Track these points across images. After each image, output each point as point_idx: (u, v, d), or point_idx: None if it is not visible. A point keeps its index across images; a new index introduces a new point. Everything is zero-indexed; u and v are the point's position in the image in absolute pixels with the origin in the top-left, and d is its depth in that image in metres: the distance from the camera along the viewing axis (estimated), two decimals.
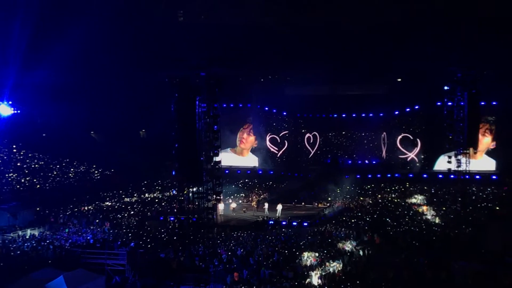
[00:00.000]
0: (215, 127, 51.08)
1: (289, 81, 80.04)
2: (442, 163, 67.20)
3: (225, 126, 70.53)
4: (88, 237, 49.69)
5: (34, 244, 46.47)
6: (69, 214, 60.87)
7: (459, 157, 57.37)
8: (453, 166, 57.82)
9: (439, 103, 66.64)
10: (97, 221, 57.22)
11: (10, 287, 34.27)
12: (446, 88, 58.61)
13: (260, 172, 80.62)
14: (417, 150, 74.66)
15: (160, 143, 68.23)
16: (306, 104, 77.95)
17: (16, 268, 39.05)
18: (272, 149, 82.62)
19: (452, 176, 58.92)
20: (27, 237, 50.60)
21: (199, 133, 49.60)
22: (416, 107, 74.51)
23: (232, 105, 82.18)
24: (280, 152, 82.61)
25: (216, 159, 52.10)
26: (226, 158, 77.57)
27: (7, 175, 68.52)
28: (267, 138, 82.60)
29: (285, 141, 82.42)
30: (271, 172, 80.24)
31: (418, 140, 74.75)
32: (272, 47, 69.60)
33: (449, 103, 58.21)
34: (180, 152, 49.87)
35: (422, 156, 74.67)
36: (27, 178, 70.61)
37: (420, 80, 70.17)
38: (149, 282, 40.68)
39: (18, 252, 43.97)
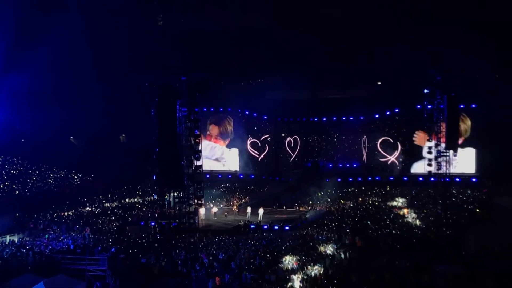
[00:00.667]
0: (196, 131, 51.01)
1: (269, 86, 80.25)
2: (421, 166, 67.45)
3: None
4: (69, 243, 49.33)
5: (14, 250, 45.97)
6: (49, 220, 60.45)
7: (439, 159, 57.72)
8: (433, 169, 58.14)
9: (419, 106, 67.05)
10: (77, 226, 56.87)
11: None
12: (426, 91, 59.02)
13: (241, 176, 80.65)
14: (397, 153, 75.02)
15: (141, 148, 67.97)
16: (287, 108, 78.16)
17: None
18: (253, 153, 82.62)
19: (432, 179, 59.28)
20: (6, 243, 50.07)
21: (180, 137, 49.48)
22: (396, 110, 74.89)
23: (212, 109, 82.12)
24: (261, 156, 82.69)
25: (197, 163, 52.01)
26: (207, 163, 77.50)
27: None
28: (248, 142, 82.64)
29: (266, 145, 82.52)
30: (252, 176, 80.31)
31: (398, 143, 75.13)
32: (251, 51, 69.75)
33: (429, 106, 58.61)
34: (161, 157, 49.73)
35: (402, 159, 74.95)
36: (6, 184, 69.91)
37: (400, 83, 70.66)
38: None
39: None
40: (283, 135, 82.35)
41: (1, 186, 69.01)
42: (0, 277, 37.30)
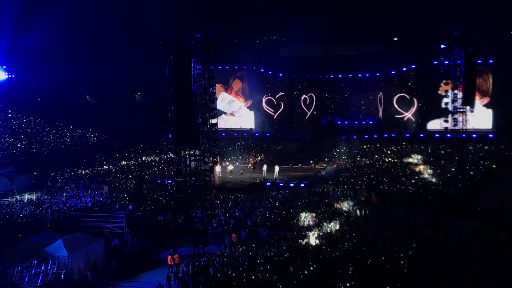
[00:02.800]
0: (211, 89, 50.75)
1: (284, 43, 79.39)
2: (437, 123, 66.79)
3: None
4: (87, 201, 49.82)
5: (32, 209, 46.56)
6: (66, 178, 60.93)
7: (455, 116, 57.19)
8: (449, 125, 57.61)
9: (435, 62, 66.24)
10: (94, 185, 57.34)
11: (9, 251, 34.36)
12: (442, 46, 58.14)
13: (257, 134, 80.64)
14: (413, 109, 74.47)
15: (156, 106, 67.99)
16: (302, 65, 77.47)
17: (14, 232, 39.12)
18: (268, 111, 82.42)
19: (448, 135, 58.81)
20: (25, 201, 50.69)
21: (195, 95, 49.30)
22: (413, 66, 74.05)
23: (227, 67, 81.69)
24: (277, 114, 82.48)
25: (213, 121, 51.95)
26: (223, 120, 77.62)
27: (3, 140, 68.33)
28: (263, 100, 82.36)
29: (281, 103, 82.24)
30: (268, 134, 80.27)
31: (414, 99, 74.50)
32: (266, 5, 68.86)
33: (446, 62, 57.78)
34: (176, 115, 49.52)
35: (418, 116, 74.37)
36: (24, 143, 70.45)
37: (416, 39, 69.54)
38: (147, 245, 40.95)
39: (16, 216, 44.03)
40: (298, 92, 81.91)
41: (19, 145, 69.53)
42: (20, 235, 37.81)
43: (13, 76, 73.89)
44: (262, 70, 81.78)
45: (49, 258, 33.07)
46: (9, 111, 73.55)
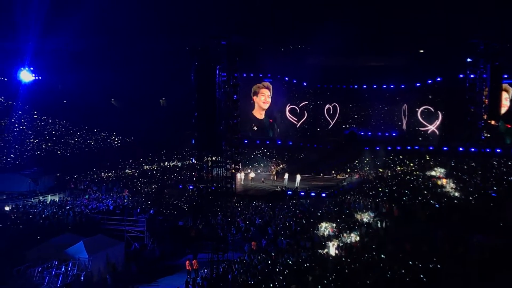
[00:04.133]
0: (235, 96, 51.02)
1: (309, 52, 79.34)
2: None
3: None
4: (108, 204, 50.20)
5: (55, 210, 47.03)
6: (89, 180, 61.43)
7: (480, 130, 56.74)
8: (474, 140, 57.23)
9: (461, 76, 65.82)
10: (116, 188, 57.74)
11: (30, 252, 34.74)
12: (468, 60, 57.86)
13: (279, 142, 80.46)
14: (438, 122, 73.93)
15: (180, 112, 68.36)
16: (327, 75, 77.20)
17: (36, 233, 39.53)
18: (291, 120, 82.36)
19: (472, 149, 58.40)
20: (48, 202, 51.20)
21: (219, 102, 49.57)
22: (438, 79, 73.57)
23: (252, 75, 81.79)
24: (300, 122, 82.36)
25: (235, 128, 52.15)
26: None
27: (28, 141, 69.13)
28: (287, 109, 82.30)
29: (305, 112, 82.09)
30: (290, 143, 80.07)
31: (439, 112, 73.95)
32: (293, 14, 69.01)
33: (472, 76, 57.53)
34: (200, 121, 49.98)
35: (443, 129, 73.78)
36: (48, 144, 71.17)
37: (442, 52, 69.17)
38: (167, 249, 41.14)
39: (38, 217, 44.49)
40: (322, 102, 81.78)
41: (44, 147, 70.32)
42: (41, 236, 38.18)
43: (40, 78, 74.58)
44: (287, 78, 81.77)
45: (70, 259, 33.40)
46: (35, 112, 74.29)
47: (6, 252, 35.20)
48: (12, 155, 64.74)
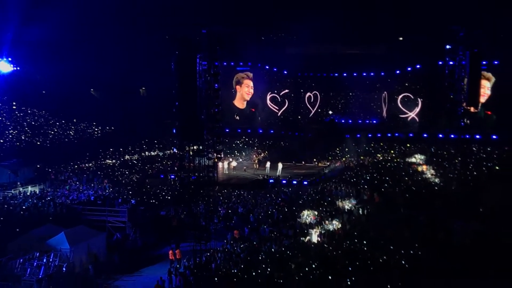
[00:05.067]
0: (216, 85, 50.79)
1: (290, 40, 79.36)
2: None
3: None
4: (89, 194, 49.94)
5: (35, 201, 46.66)
6: (69, 171, 61.03)
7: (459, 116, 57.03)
8: (453, 126, 57.50)
9: (440, 63, 66.08)
10: (97, 179, 57.45)
11: (11, 243, 34.50)
12: (448, 47, 58.01)
13: (261, 131, 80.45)
14: (418, 109, 74.38)
15: (161, 101, 68.07)
16: (307, 63, 77.12)
17: (17, 225, 39.25)
18: (272, 108, 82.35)
19: (452, 136, 58.70)
20: (28, 194, 50.80)
21: (200, 91, 49.34)
22: (418, 66, 73.91)
23: (232, 64, 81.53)
24: (281, 111, 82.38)
25: (217, 117, 51.99)
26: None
27: (7, 132, 68.43)
28: (268, 97, 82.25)
29: (286, 100, 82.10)
30: (272, 131, 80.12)
31: (419, 99, 74.38)
32: (274, 3, 68.96)
33: (451, 63, 57.61)
34: (181, 110, 49.65)
35: (423, 116, 74.20)
36: (27, 135, 70.56)
37: (421, 39, 69.43)
38: (149, 239, 41.08)
39: (19, 209, 44.16)
40: (302, 90, 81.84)
41: (23, 138, 69.67)
42: (22, 227, 37.92)
43: (18, 68, 73.90)
44: (267, 67, 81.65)
45: (51, 250, 33.19)
46: (14, 103, 73.59)
47: None
48: None
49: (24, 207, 44.65)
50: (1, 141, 66.23)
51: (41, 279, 31.09)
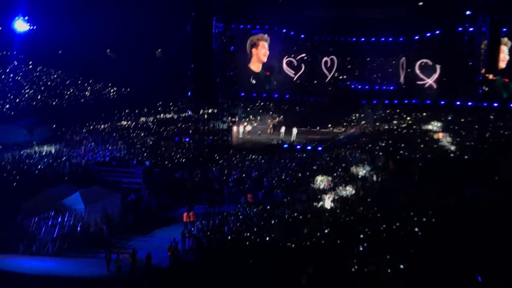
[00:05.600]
0: (232, 48, 50.47)
1: (307, 3, 78.30)
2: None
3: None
4: (105, 154, 50.18)
5: (51, 161, 46.97)
6: (85, 132, 61.28)
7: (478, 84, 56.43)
8: (471, 93, 57.00)
9: (460, 29, 65.14)
10: (113, 140, 57.65)
11: (27, 202, 34.82)
12: (467, 13, 57.16)
13: (276, 95, 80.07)
14: (436, 76, 73.52)
15: (176, 63, 67.78)
16: (325, 27, 76.14)
17: (32, 184, 39.60)
18: (288, 73, 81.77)
19: (469, 103, 58.23)
20: (44, 153, 51.10)
21: (216, 54, 49.02)
22: (437, 32, 72.81)
23: (249, 26, 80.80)
24: (297, 76, 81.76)
25: (232, 81, 51.77)
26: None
27: (23, 91, 68.59)
28: (284, 61, 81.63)
29: (302, 65, 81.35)
30: (287, 96, 79.71)
31: (437, 66, 73.44)
32: None
33: (470, 29, 56.86)
34: (196, 73, 49.49)
35: (441, 83, 73.34)
36: (44, 95, 70.72)
37: (441, 4, 68.31)
38: (163, 201, 41.30)
39: (34, 168, 44.49)
40: (319, 55, 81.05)
41: (39, 97, 69.84)
42: (37, 187, 38.21)
43: (34, 27, 73.67)
44: (284, 30, 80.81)
45: (66, 210, 33.53)
46: (30, 62, 73.59)
47: (2, 203, 35.31)
48: (7, 106, 64.28)
49: (39, 167, 44.96)
50: (17, 100, 66.41)
51: (56, 238, 31.48)
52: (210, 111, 51.97)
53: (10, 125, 57.56)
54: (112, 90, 79.62)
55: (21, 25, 70.52)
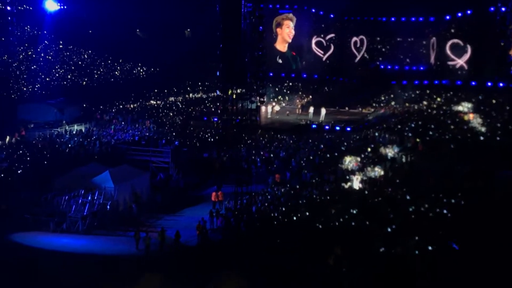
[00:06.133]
0: (260, 28, 50.38)
1: None
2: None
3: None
4: (134, 134, 50.58)
5: (81, 140, 47.50)
6: (114, 111, 61.76)
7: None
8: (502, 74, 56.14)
9: (492, 9, 64.02)
10: (142, 119, 58.06)
11: (58, 180, 35.31)
12: None
13: (305, 76, 79.70)
14: (467, 56, 72.42)
15: (205, 43, 67.86)
16: (354, 6, 75.27)
17: (63, 162, 40.13)
18: (317, 53, 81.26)
19: (501, 84, 57.35)
20: (74, 132, 51.68)
21: (244, 33, 48.98)
22: (468, 12, 71.60)
23: (278, 6, 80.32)
24: (326, 56, 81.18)
25: (260, 61, 51.73)
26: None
27: (53, 70, 69.25)
28: (313, 41, 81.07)
29: (331, 45, 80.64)
30: (316, 76, 79.27)
31: (468, 46, 72.29)
32: None
33: (503, 9, 55.97)
34: (225, 53, 49.58)
35: (472, 63, 72.25)
36: (74, 75, 71.33)
37: None
38: (192, 181, 41.56)
39: (65, 147, 45.04)
40: (349, 34, 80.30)
41: (69, 77, 70.48)
42: (68, 165, 38.70)
43: (65, 7, 74.06)
44: (314, 10, 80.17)
45: (96, 188, 33.95)
46: (60, 42, 74.16)
47: (34, 181, 35.89)
48: (38, 85, 64.98)
49: (70, 146, 45.50)
50: (48, 79, 67.07)
51: (86, 216, 31.93)
52: (238, 91, 52.12)
53: (41, 104, 58.26)
54: (141, 70, 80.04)
55: (51, 5, 70.88)
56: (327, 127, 55.54)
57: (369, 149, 43.83)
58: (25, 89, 64.07)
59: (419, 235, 24.83)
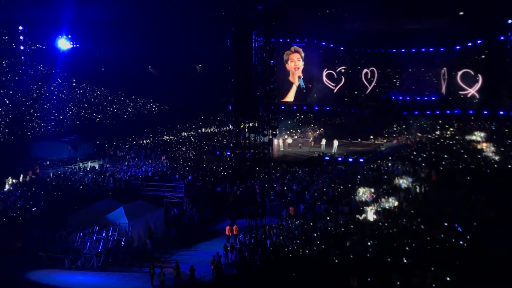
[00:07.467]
0: (272, 61, 50.66)
1: (346, 15, 78.09)
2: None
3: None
4: (148, 169, 50.76)
5: (95, 176, 47.73)
6: (128, 147, 62.07)
7: None
8: None
9: (502, 38, 64.17)
10: (155, 155, 58.29)
11: (72, 217, 35.44)
12: (509, 22, 56.37)
13: (316, 108, 79.95)
14: (478, 86, 72.42)
15: (217, 78, 68.33)
16: (364, 39, 75.82)
17: (77, 199, 40.33)
18: (328, 85, 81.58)
19: None
20: (88, 169, 51.95)
21: (255, 67, 49.28)
22: (478, 41, 71.81)
23: (288, 40, 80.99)
24: (337, 88, 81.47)
25: (272, 94, 51.90)
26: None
27: (67, 108, 69.88)
28: (324, 74, 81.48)
29: (342, 77, 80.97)
30: (327, 108, 79.49)
31: (479, 75, 72.35)
32: None
33: None
34: (236, 87, 49.85)
35: (483, 92, 72.23)
36: (87, 112, 71.94)
37: (482, 13, 67.42)
38: (206, 215, 41.56)
39: (79, 184, 45.27)
40: (359, 66, 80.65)
41: (82, 114, 71.06)
42: (82, 202, 38.89)
43: (77, 46, 75.02)
44: (324, 43, 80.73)
45: (110, 225, 34.04)
46: (73, 80, 74.92)
47: (49, 218, 36.04)
48: (52, 123, 65.56)
49: (84, 182, 45.72)
50: (61, 117, 67.66)
51: (101, 252, 31.97)
52: (250, 124, 52.21)
53: (54, 141, 58.77)
54: (153, 106, 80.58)
55: (64, 44, 71.85)
56: (340, 159, 55.53)
57: (382, 180, 43.72)
58: (38, 127, 64.56)
59: (435, 265, 24.65)
